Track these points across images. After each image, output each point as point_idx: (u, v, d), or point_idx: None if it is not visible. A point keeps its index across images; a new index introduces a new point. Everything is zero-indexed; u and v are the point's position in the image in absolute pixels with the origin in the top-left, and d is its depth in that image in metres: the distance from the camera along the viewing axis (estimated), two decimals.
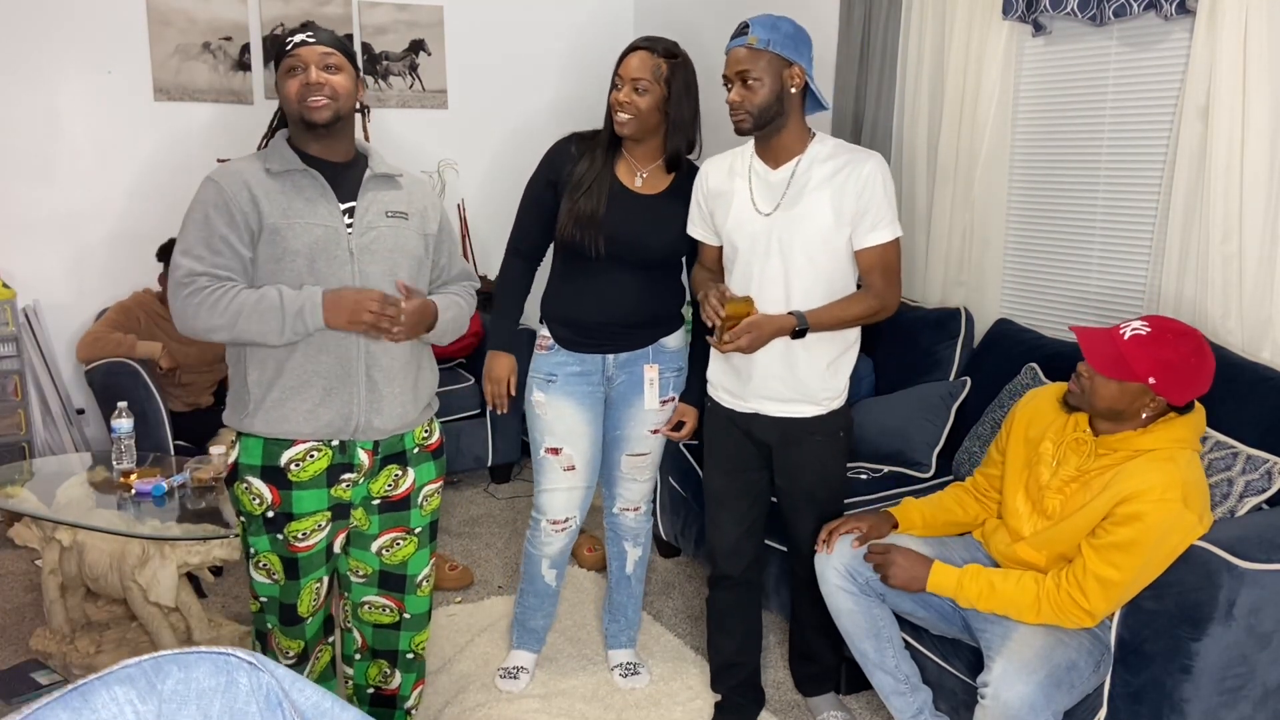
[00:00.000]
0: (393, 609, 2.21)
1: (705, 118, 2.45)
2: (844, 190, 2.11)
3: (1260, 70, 2.38)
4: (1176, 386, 1.87)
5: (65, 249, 3.94)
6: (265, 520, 1.99)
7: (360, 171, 2.05)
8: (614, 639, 2.78)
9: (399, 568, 2.17)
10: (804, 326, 2.10)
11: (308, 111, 1.93)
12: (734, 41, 2.12)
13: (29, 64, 3.79)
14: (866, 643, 2.20)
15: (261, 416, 1.95)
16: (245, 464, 1.99)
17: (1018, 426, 2.14)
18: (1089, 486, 1.94)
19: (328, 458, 1.99)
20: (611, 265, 2.39)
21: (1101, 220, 2.91)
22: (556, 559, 2.65)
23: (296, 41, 1.94)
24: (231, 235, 1.89)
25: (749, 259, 2.19)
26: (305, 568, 2.04)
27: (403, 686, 2.29)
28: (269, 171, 1.94)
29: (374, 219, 2.00)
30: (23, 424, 3.78)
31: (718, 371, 2.34)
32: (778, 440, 2.28)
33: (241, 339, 1.88)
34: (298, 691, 0.99)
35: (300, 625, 2.10)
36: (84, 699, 0.88)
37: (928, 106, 3.26)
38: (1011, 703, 1.82)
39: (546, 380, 2.49)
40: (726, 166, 2.28)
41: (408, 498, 2.12)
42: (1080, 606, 1.87)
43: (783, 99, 2.10)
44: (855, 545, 2.16)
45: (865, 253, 2.16)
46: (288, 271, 1.92)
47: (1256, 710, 1.90)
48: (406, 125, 4.52)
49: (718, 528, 2.41)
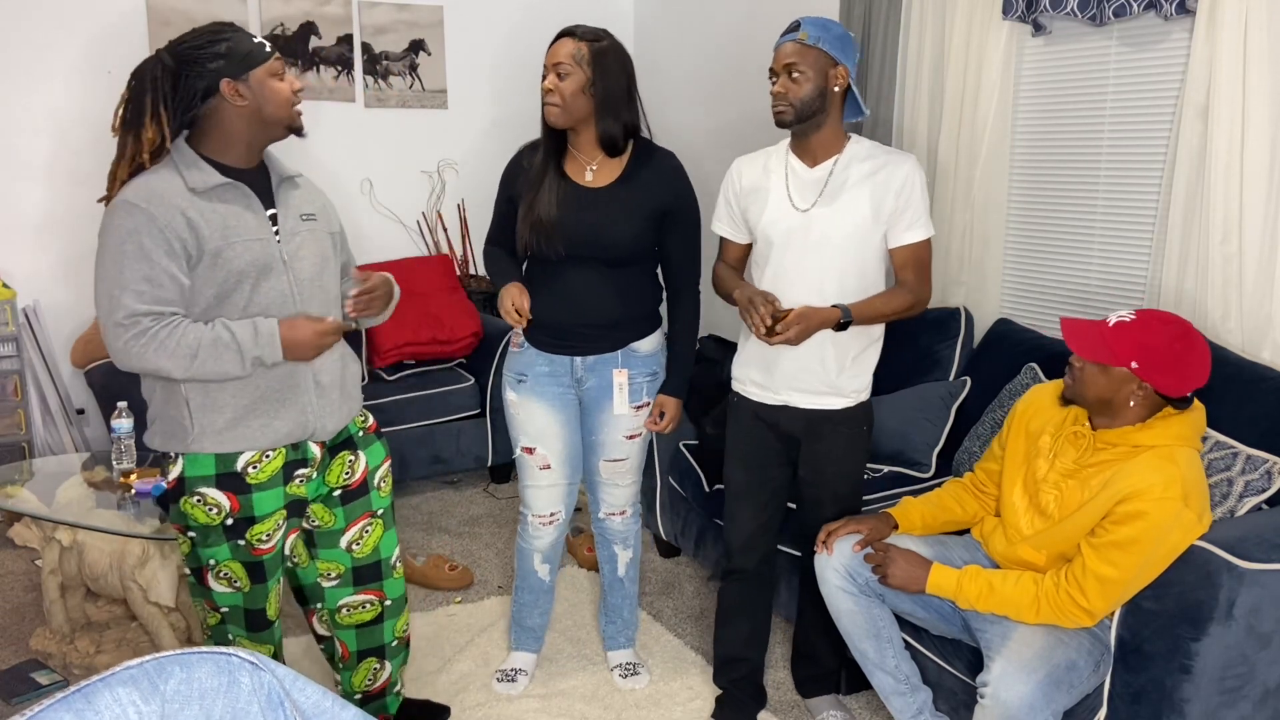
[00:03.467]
0: (374, 602, 2.21)
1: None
2: (884, 189, 2.17)
3: (1260, 70, 2.38)
4: (1160, 371, 1.87)
5: (65, 249, 3.94)
6: (225, 529, 1.93)
7: (265, 176, 1.97)
8: (612, 640, 2.78)
9: (372, 556, 2.17)
10: (848, 319, 2.15)
11: (298, 118, 1.92)
12: (784, 37, 2.17)
13: (29, 64, 3.79)
14: (866, 643, 2.20)
15: (211, 439, 1.88)
16: (195, 476, 1.91)
17: (1019, 420, 2.14)
18: (1087, 484, 1.93)
19: (282, 455, 1.96)
20: (576, 265, 2.35)
21: (1101, 220, 2.91)
22: (548, 553, 2.65)
23: (269, 46, 1.88)
24: (172, 265, 1.80)
25: (783, 254, 2.23)
26: (270, 569, 2.01)
27: (391, 674, 2.30)
28: (193, 189, 1.83)
29: (294, 224, 1.96)
30: (23, 424, 3.78)
31: (745, 365, 2.37)
32: (804, 431, 2.31)
33: (197, 377, 1.82)
34: (299, 691, 0.99)
35: (270, 629, 2.08)
36: (87, 700, 0.88)
37: (928, 106, 3.26)
38: (1011, 703, 1.82)
39: (517, 380, 2.48)
40: (761, 164, 2.31)
41: (365, 482, 2.13)
42: (1079, 606, 1.87)
43: (825, 96, 2.15)
44: (857, 548, 2.17)
45: (901, 250, 2.22)
46: (233, 293, 1.85)
47: (1256, 710, 1.90)
48: (406, 125, 4.52)
49: (734, 521, 2.43)
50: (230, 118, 1.87)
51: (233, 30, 1.87)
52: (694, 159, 4.55)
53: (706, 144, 4.48)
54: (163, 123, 1.82)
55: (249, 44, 1.86)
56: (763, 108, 4.13)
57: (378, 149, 4.45)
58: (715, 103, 4.42)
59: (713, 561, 3.11)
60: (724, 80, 4.33)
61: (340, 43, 4.31)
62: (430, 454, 3.96)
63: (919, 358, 3.13)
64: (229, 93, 1.84)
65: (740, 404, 2.39)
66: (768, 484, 2.39)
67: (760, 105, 4.14)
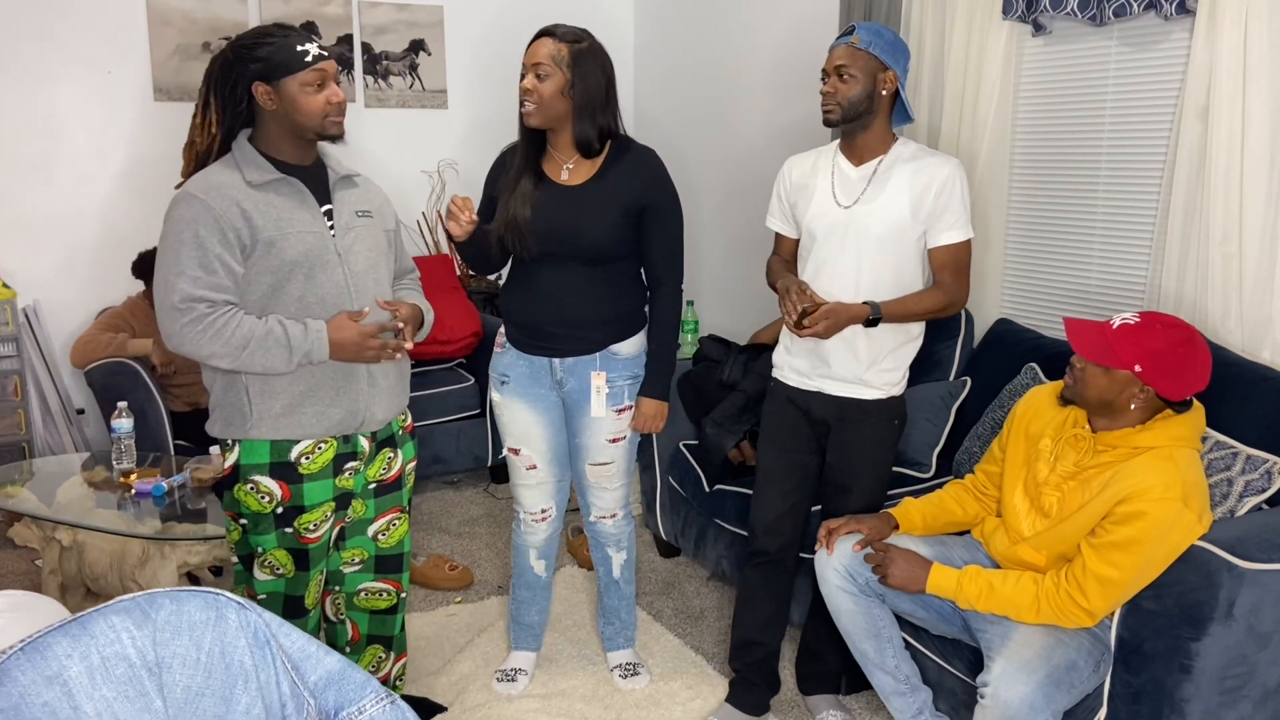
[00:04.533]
0: (391, 592, 2.28)
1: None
2: (924, 189, 2.22)
3: (1260, 70, 2.38)
4: (1163, 375, 1.87)
5: (65, 249, 3.94)
6: (275, 517, 2.01)
7: (323, 173, 2.06)
8: (611, 641, 2.78)
9: (396, 549, 2.26)
10: (877, 316, 2.20)
11: (333, 127, 1.97)
12: (838, 40, 2.24)
13: (29, 64, 3.79)
14: (866, 643, 2.20)
15: (269, 425, 1.96)
16: (250, 464, 1.99)
17: (1019, 423, 2.15)
18: (1088, 485, 1.94)
19: (334, 448, 2.03)
20: (553, 265, 2.35)
21: (1101, 220, 2.91)
22: (543, 549, 2.65)
23: (316, 54, 1.92)
24: (226, 254, 1.88)
25: (824, 249, 2.29)
26: (314, 559, 2.08)
27: (392, 669, 2.37)
28: (250, 183, 1.91)
29: (349, 219, 2.04)
30: (23, 424, 3.78)
31: (784, 352, 2.43)
32: (835, 418, 2.36)
33: (243, 368, 1.89)
34: (284, 635, 1.03)
35: (305, 617, 2.13)
36: (83, 627, 0.93)
37: (928, 107, 3.26)
38: (1011, 703, 1.82)
39: (501, 381, 2.49)
40: (810, 162, 2.39)
41: (399, 478, 2.21)
42: (1080, 606, 1.87)
43: (873, 98, 2.22)
44: (857, 548, 2.17)
45: (939, 251, 2.26)
46: (287, 283, 1.93)
47: (1256, 710, 1.90)
48: (406, 125, 4.52)
49: (761, 503, 2.48)
50: (269, 118, 1.95)
51: (282, 34, 1.92)
52: (676, 154, 4.56)
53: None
54: (212, 114, 1.93)
55: (289, 52, 1.90)
56: (762, 107, 4.13)
57: (378, 149, 4.45)
58: (716, 102, 4.42)
59: (713, 561, 3.11)
60: (725, 79, 4.33)
61: (340, 43, 4.32)
62: (430, 454, 3.96)
63: (919, 358, 3.11)
64: (260, 96, 1.92)
65: (777, 388, 2.46)
66: (796, 469, 2.43)
67: (759, 105, 4.15)
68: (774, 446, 2.45)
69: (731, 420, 3.06)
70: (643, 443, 3.37)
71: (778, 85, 4.02)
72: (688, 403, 3.28)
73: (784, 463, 2.44)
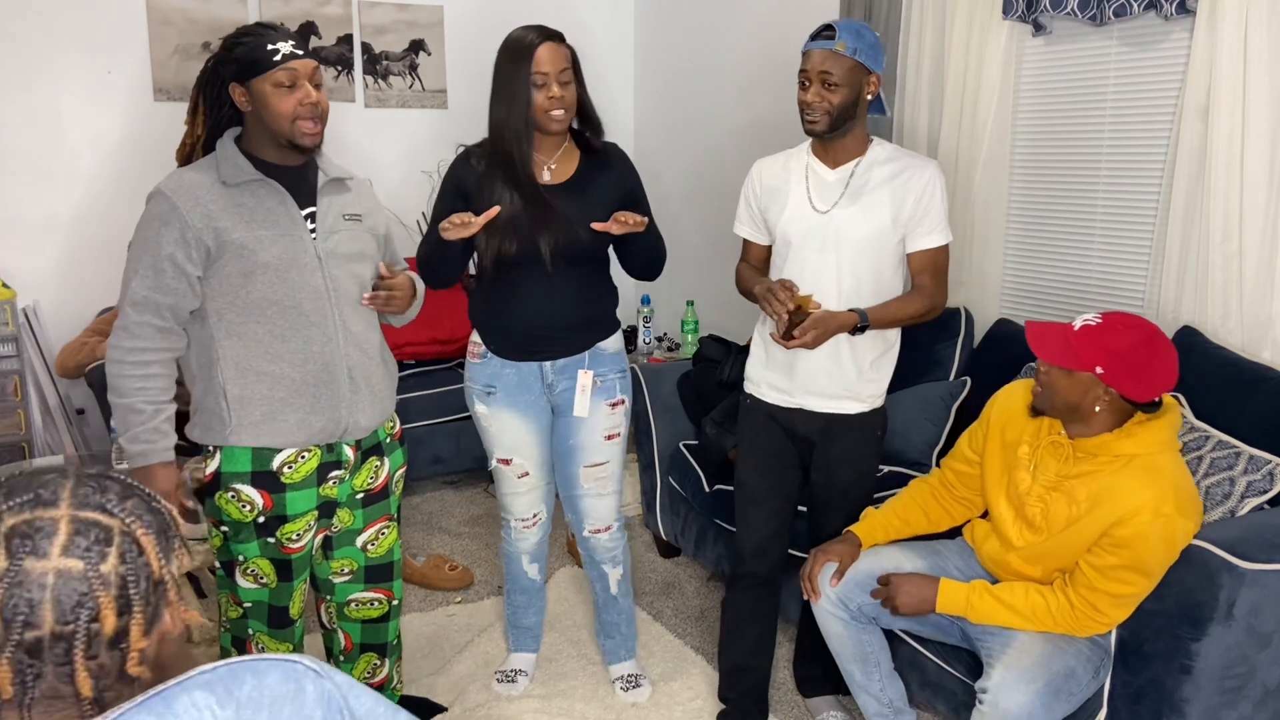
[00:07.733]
0: (382, 600, 2.24)
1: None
2: (904, 193, 2.17)
3: (1260, 70, 2.38)
4: (1125, 376, 1.83)
5: (65, 249, 3.94)
6: (256, 526, 1.97)
7: (312, 174, 2.00)
8: (612, 654, 2.73)
9: (385, 557, 2.21)
10: (865, 323, 2.14)
11: (300, 136, 1.88)
12: (816, 43, 2.13)
13: (29, 64, 3.79)
14: (854, 665, 2.21)
15: (249, 432, 1.92)
16: (231, 472, 1.94)
17: (994, 429, 2.10)
18: (1072, 496, 1.90)
19: (317, 457, 1.99)
20: (537, 269, 2.31)
21: (1101, 220, 2.91)
22: (535, 553, 2.64)
23: (288, 53, 1.84)
24: (179, 253, 1.84)
25: (801, 254, 2.23)
26: (298, 569, 2.04)
27: (389, 672, 2.34)
28: (224, 183, 1.87)
29: (334, 223, 1.99)
30: (23, 424, 3.78)
31: (761, 367, 2.36)
32: (819, 435, 2.31)
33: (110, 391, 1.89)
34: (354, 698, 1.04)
35: (291, 628, 2.10)
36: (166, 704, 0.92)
37: (928, 106, 3.26)
38: (1010, 711, 1.82)
39: (486, 392, 2.44)
40: (780, 166, 2.32)
41: (386, 487, 2.17)
42: (1098, 621, 1.86)
43: (857, 104, 2.16)
44: (834, 583, 2.15)
45: (919, 255, 2.22)
46: (257, 285, 1.88)
47: (1256, 710, 1.90)
48: (406, 125, 4.52)
49: (747, 525, 2.41)
50: (249, 119, 1.92)
51: (259, 33, 1.87)
52: (677, 154, 4.55)
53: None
54: (198, 113, 1.92)
55: (260, 51, 1.84)
56: (763, 107, 4.13)
57: (378, 149, 4.44)
58: (716, 102, 4.41)
59: (713, 561, 3.11)
60: (726, 80, 4.33)
61: (340, 43, 4.31)
62: (430, 454, 3.95)
63: (919, 358, 3.13)
64: (237, 97, 1.88)
65: (754, 406, 2.38)
66: (781, 488, 2.38)
67: (752, 104, 4.14)
68: (756, 467, 2.39)
69: (731, 420, 3.05)
70: (643, 443, 3.36)
71: (782, 85, 4.02)
72: (688, 403, 3.28)
73: (768, 484, 2.37)
